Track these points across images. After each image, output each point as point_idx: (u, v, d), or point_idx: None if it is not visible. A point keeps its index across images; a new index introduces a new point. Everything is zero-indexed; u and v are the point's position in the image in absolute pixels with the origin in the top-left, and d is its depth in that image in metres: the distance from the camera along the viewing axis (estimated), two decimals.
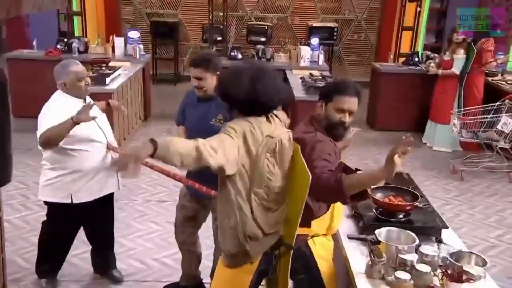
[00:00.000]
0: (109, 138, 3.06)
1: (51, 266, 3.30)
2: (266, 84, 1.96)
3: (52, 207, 3.11)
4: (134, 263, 3.70)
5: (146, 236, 4.11)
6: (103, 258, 3.43)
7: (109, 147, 3.04)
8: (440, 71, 6.35)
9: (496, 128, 5.42)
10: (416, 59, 7.23)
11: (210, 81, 2.76)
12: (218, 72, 2.75)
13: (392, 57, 7.64)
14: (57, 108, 2.90)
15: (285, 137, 2.03)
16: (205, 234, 3.28)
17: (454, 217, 4.72)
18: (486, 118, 5.48)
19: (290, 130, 2.10)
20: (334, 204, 2.24)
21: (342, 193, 1.92)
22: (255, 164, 1.96)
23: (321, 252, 2.26)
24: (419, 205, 2.61)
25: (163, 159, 1.75)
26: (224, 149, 1.85)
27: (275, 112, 2.10)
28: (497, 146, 5.58)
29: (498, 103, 5.56)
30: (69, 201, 3.00)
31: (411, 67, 7.17)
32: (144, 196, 4.86)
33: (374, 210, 2.56)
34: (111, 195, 3.23)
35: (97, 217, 3.26)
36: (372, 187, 2.63)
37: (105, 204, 3.22)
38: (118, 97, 5.68)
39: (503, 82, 6.56)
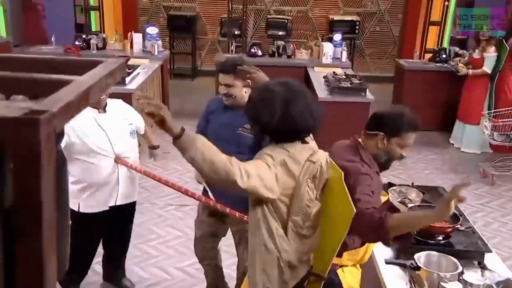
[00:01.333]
0: (118, 151, 2.98)
1: (72, 276, 3.29)
2: (301, 109, 1.86)
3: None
4: (157, 271, 3.69)
5: (168, 243, 4.10)
6: (114, 267, 3.45)
7: (117, 161, 2.98)
8: (470, 71, 6.18)
9: None
10: (444, 55, 7.05)
11: (240, 89, 2.69)
12: (249, 80, 2.63)
13: (418, 54, 7.43)
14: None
15: (324, 161, 1.96)
16: (225, 243, 3.23)
17: (486, 225, 4.61)
18: None
19: (327, 153, 2.02)
20: None
21: (386, 233, 1.84)
22: (295, 192, 1.89)
23: (350, 281, 2.22)
24: (461, 228, 2.53)
25: (184, 151, 1.66)
26: (259, 174, 1.77)
27: None
28: None
29: None
30: (76, 209, 3.00)
31: (438, 64, 7.00)
32: (165, 199, 4.83)
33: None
34: (130, 205, 3.21)
35: (112, 228, 3.27)
36: (409, 205, 2.63)
37: (122, 215, 3.21)
38: None
39: None
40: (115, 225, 3.28)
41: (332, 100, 5.47)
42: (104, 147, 2.94)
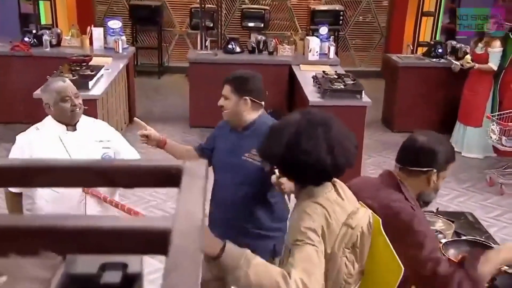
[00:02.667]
0: None
1: None
2: (317, 142, 1.70)
3: None
4: None
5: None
6: None
7: (85, 190, 2.66)
8: (476, 65, 5.91)
9: None
10: (440, 50, 6.81)
11: (234, 104, 2.60)
12: (246, 97, 2.58)
13: (411, 48, 7.17)
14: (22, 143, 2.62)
15: (366, 224, 1.76)
16: None
17: (502, 243, 4.35)
18: None
19: (370, 211, 1.82)
20: None
21: None
22: (330, 266, 1.68)
23: None
24: (508, 271, 2.25)
25: (227, 272, 1.49)
26: (316, 277, 1.58)
27: None
28: None
29: None
30: None
31: (433, 59, 6.76)
32: None
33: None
34: None
35: None
36: (443, 241, 2.45)
37: None
38: (102, 103, 5.19)
39: None
40: None
41: (324, 104, 5.15)
42: None
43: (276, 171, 2.15)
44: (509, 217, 4.87)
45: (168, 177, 0.54)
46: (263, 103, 2.64)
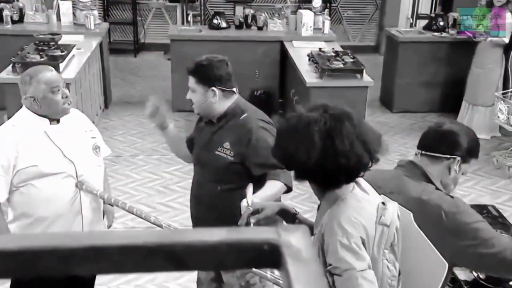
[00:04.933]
0: (80, 172, 2.62)
1: None
2: (349, 139, 1.64)
3: None
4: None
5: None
6: None
7: (79, 186, 2.60)
8: (489, 38, 5.85)
9: None
10: (441, 23, 6.75)
11: (202, 97, 2.53)
12: (213, 88, 2.50)
13: (411, 21, 7.11)
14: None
15: (396, 215, 1.72)
16: None
17: None
18: None
19: (395, 203, 1.78)
20: None
21: None
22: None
23: None
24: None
25: None
26: None
27: None
28: None
29: None
30: None
31: (435, 33, 6.71)
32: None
33: (474, 274, 2.41)
34: None
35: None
36: None
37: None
38: (76, 87, 5.02)
39: None
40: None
41: (322, 85, 5.15)
42: (59, 168, 2.57)
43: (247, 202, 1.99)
44: None
45: (259, 256, 0.47)
46: (234, 89, 2.57)
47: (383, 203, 1.70)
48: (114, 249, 0.43)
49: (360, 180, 1.75)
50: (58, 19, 6.50)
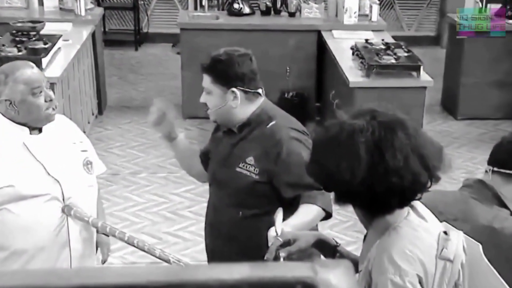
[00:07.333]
0: (67, 194, 2.68)
1: None
2: (403, 153, 1.70)
3: None
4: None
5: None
6: None
7: (65, 210, 2.66)
8: None
9: None
10: None
11: (220, 100, 2.60)
12: (234, 89, 2.56)
13: (480, 5, 7.18)
14: None
15: (461, 248, 1.78)
16: None
17: None
18: None
19: (460, 232, 1.86)
20: None
21: None
22: None
23: None
24: None
25: None
26: None
27: None
28: None
29: None
30: None
31: (510, 21, 6.76)
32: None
33: None
34: None
35: None
36: None
37: None
38: (62, 88, 5.15)
39: None
40: None
41: (370, 85, 5.29)
42: (41, 189, 2.63)
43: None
44: None
45: None
46: (260, 90, 2.62)
47: (445, 232, 1.76)
48: None
49: (416, 204, 1.81)
50: (41, 3, 6.71)
